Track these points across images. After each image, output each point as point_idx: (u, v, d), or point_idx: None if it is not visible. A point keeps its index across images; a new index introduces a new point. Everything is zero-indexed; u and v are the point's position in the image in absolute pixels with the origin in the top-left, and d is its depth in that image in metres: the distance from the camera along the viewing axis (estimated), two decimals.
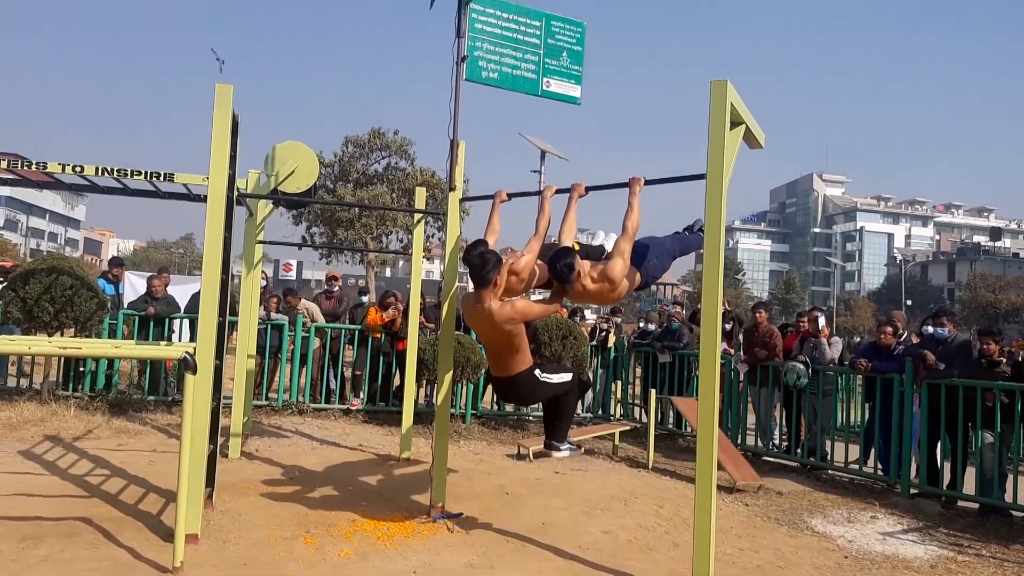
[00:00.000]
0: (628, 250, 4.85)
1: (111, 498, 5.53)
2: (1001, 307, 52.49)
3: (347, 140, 28.41)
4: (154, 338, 9.74)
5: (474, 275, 4.73)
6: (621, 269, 4.82)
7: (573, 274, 4.75)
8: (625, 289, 4.94)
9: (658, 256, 5.24)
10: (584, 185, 5.19)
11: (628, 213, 4.90)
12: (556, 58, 6.15)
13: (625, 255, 4.83)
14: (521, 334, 4.88)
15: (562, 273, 4.77)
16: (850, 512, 6.90)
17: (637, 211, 4.89)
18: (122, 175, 6.31)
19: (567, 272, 4.75)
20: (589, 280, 4.82)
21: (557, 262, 4.77)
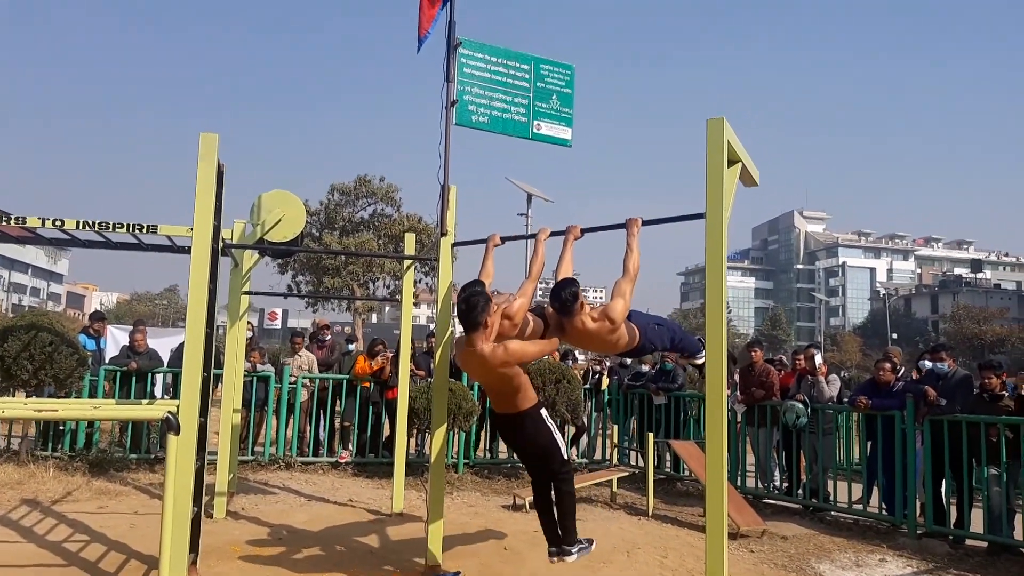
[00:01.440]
0: (629, 291, 4.70)
1: (90, 566, 5.25)
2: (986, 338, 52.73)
3: (333, 188, 28.43)
4: (136, 393, 9.48)
5: (463, 318, 4.53)
6: (622, 309, 4.67)
7: (577, 303, 4.58)
8: (624, 337, 4.74)
9: (660, 324, 5.11)
10: (580, 228, 5.08)
11: (628, 254, 4.77)
12: (546, 101, 6.08)
13: (626, 296, 4.69)
14: (519, 374, 4.69)
15: (567, 301, 4.59)
16: (857, 555, 6.71)
17: (637, 252, 4.77)
18: (104, 228, 6.15)
19: (571, 300, 4.58)
20: (589, 318, 4.67)
21: (561, 291, 4.62)
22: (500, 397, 4.75)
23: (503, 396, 4.72)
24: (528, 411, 4.71)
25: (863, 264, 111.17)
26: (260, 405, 10.03)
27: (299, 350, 10.67)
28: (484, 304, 4.51)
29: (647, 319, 5.05)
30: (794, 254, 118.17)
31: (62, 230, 6.25)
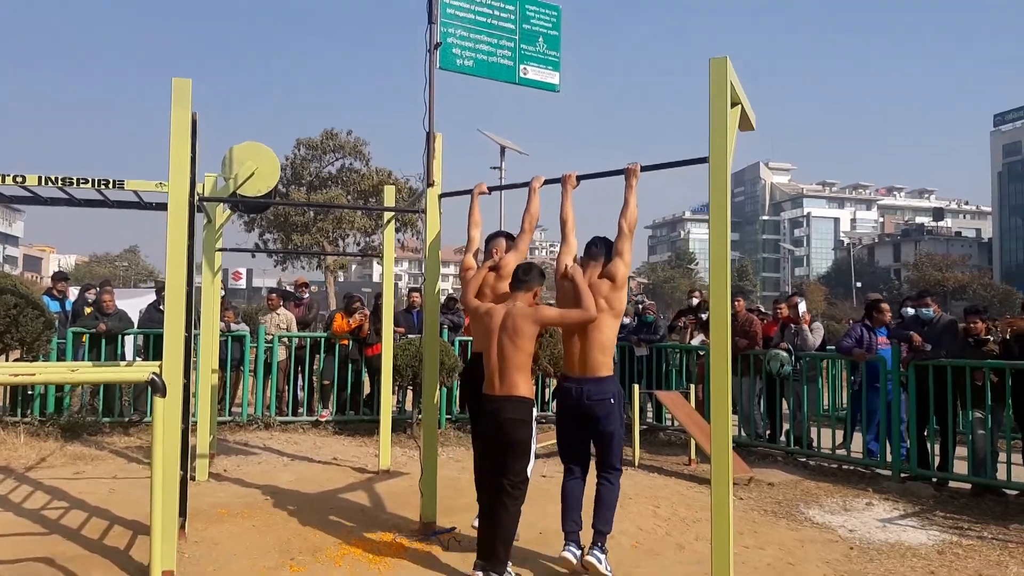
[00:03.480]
0: (628, 250, 4.59)
1: (72, 533, 5.07)
2: (948, 285, 53.81)
3: (299, 142, 27.71)
4: (107, 356, 9.20)
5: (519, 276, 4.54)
6: (624, 270, 4.57)
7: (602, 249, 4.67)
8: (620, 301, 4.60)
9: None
10: (576, 175, 4.90)
11: (624, 210, 4.61)
12: (532, 44, 5.85)
13: (625, 256, 4.59)
14: (531, 353, 4.44)
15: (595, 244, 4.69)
16: (844, 500, 6.77)
17: (634, 207, 4.61)
18: (68, 184, 5.86)
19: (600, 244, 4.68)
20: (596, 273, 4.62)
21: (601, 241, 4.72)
22: (502, 372, 4.32)
23: (505, 373, 4.31)
24: (524, 398, 4.34)
25: (827, 214, 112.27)
26: (236, 365, 9.82)
27: (276, 308, 10.43)
28: (540, 276, 4.55)
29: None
30: (760, 205, 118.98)
31: (23, 187, 5.95)
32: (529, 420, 4.40)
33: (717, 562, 4.07)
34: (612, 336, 4.59)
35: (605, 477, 4.66)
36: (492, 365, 4.38)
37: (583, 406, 4.53)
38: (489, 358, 4.40)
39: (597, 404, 4.50)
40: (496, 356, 4.36)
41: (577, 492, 4.69)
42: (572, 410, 4.60)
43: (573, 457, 4.77)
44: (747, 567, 4.83)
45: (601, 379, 4.51)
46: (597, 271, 4.64)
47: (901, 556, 5.21)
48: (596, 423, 4.56)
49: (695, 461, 8.07)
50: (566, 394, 4.62)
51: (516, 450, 4.34)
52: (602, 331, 4.51)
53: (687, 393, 8.84)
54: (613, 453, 4.64)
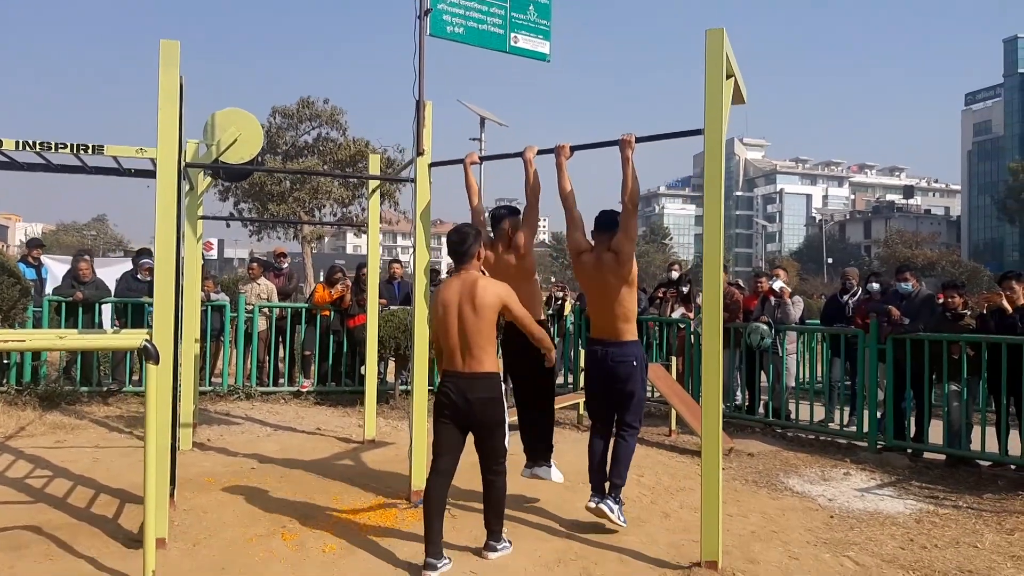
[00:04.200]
0: (632, 226, 4.66)
1: (59, 502, 5.03)
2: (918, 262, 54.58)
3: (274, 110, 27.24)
4: (83, 324, 9.07)
5: (454, 249, 4.25)
6: (628, 247, 4.63)
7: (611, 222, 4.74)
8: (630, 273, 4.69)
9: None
10: (569, 146, 4.88)
11: (624, 186, 4.62)
12: (523, 12, 5.78)
13: (630, 230, 4.64)
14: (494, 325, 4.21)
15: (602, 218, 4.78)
16: (823, 470, 6.90)
17: (632, 181, 4.61)
18: (45, 149, 5.73)
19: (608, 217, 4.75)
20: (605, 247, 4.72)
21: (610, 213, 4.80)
22: (464, 349, 4.12)
23: (469, 347, 4.11)
24: (493, 375, 4.19)
25: (800, 191, 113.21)
26: (216, 335, 9.73)
27: (257, 278, 10.33)
28: (475, 235, 4.33)
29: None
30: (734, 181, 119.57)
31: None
32: (500, 397, 4.28)
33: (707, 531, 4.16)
34: (631, 306, 4.79)
35: (622, 434, 4.88)
36: (453, 342, 4.16)
37: (607, 367, 4.81)
38: (449, 335, 4.17)
39: (619, 365, 4.76)
40: (457, 332, 4.15)
41: (600, 448, 4.97)
42: (597, 370, 4.90)
43: (598, 414, 5.09)
44: (731, 535, 4.92)
45: (623, 343, 4.77)
46: (606, 245, 4.74)
47: (880, 524, 5.34)
48: (618, 383, 4.81)
49: (675, 432, 8.18)
50: (592, 355, 4.95)
51: (492, 433, 4.29)
52: (620, 303, 4.73)
53: (668, 365, 8.92)
54: (631, 412, 4.86)
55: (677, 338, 9.76)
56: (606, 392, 4.91)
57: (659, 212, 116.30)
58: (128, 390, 9.07)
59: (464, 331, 4.12)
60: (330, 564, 4.17)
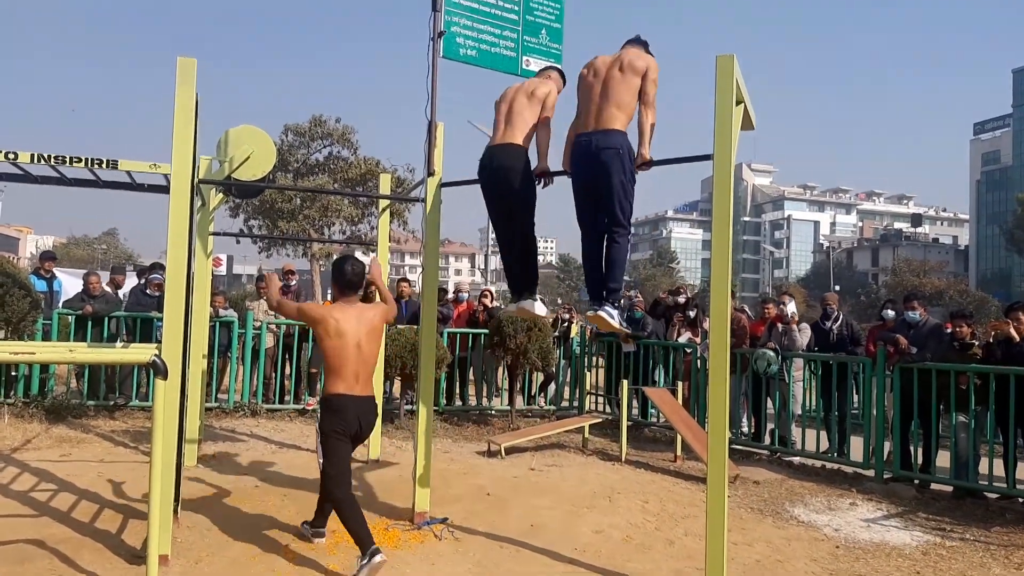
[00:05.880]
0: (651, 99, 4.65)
1: (63, 516, 5.03)
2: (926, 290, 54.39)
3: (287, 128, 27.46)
4: (92, 338, 9.10)
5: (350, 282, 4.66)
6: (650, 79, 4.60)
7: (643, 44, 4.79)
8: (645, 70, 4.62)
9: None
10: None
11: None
12: (535, 35, 5.85)
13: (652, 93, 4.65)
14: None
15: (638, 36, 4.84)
16: (829, 499, 6.85)
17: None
18: (60, 162, 5.77)
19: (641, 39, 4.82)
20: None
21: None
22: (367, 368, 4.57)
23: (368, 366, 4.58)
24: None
25: (808, 217, 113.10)
26: (223, 351, 9.75)
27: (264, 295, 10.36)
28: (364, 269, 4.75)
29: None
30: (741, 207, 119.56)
31: (15, 164, 5.86)
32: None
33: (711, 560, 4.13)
34: (630, 99, 4.59)
35: (613, 235, 4.67)
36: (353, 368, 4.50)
37: (590, 155, 4.55)
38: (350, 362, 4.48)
39: (603, 151, 4.51)
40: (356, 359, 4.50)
41: (593, 254, 4.78)
42: (582, 164, 4.64)
43: (586, 216, 4.79)
44: (736, 563, 4.89)
45: (610, 131, 4.54)
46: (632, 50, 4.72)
47: (886, 556, 5.30)
48: (602, 173, 4.53)
49: (681, 457, 8.13)
50: (576, 147, 4.68)
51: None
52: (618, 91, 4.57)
53: (674, 390, 8.90)
54: (618, 207, 4.58)
55: (683, 363, 9.74)
56: (593, 187, 4.63)
57: (666, 236, 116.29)
58: (135, 404, 9.08)
59: (362, 359, 4.50)
60: None
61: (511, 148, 4.87)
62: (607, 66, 4.66)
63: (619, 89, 4.56)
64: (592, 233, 4.78)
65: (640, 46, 4.78)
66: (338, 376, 4.45)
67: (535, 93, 4.96)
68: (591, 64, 4.77)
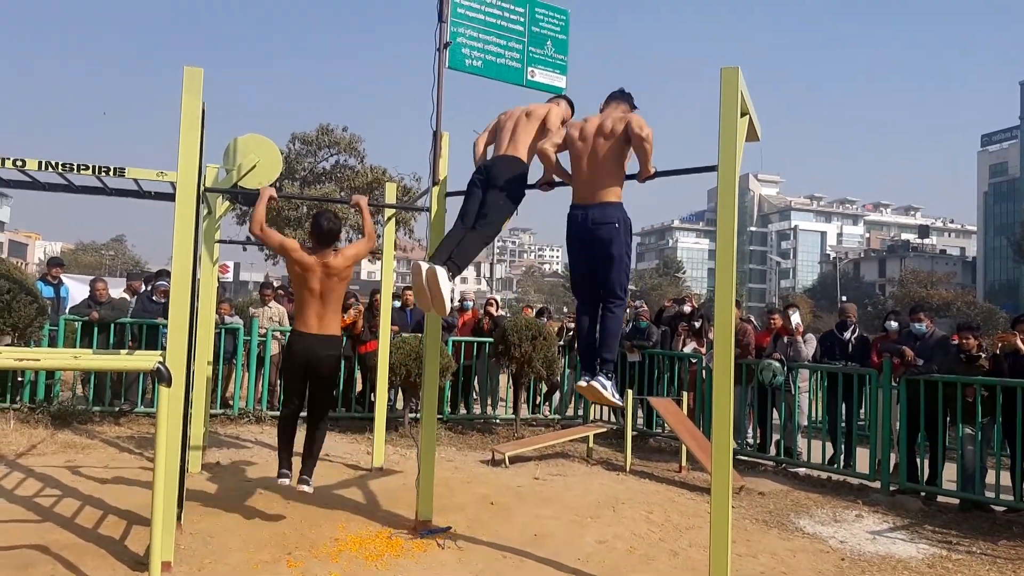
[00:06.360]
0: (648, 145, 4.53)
1: (67, 522, 5.04)
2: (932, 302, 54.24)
3: (294, 136, 27.53)
4: (99, 344, 9.13)
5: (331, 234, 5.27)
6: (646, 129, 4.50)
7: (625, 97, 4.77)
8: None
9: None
10: None
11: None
12: (541, 47, 5.87)
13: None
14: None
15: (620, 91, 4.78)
16: (835, 511, 6.81)
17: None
18: (68, 170, 5.82)
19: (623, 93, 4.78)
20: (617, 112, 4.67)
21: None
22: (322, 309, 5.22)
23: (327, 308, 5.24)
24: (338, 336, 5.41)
25: (814, 228, 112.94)
26: (228, 358, 9.77)
27: (268, 302, 10.41)
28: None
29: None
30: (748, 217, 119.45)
31: (22, 170, 5.90)
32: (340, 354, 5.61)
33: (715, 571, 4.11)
34: (619, 168, 4.58)
35: (608, 306, 4.66)
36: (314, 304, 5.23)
37: (587, 229, 4.56)
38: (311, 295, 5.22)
39: (600, 228, 4.51)
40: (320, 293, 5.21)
41: (587, 325, 4.78)
42: (578, 236, 4.64)
43: (582, 288, 4.84)
44: (741, 575, 4.86)
45: (605, 204, 4.53)
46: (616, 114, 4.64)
47: (892, 568, 5.26)
48: (599, 246, 4.54)
49: (686, 468, 8.11)
50: (572, 220, 4.67)
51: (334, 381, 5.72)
52: (609, 160, 4.55)
53: (679, 400, 8.88)
54: (615, 279, 4.59)
55: (688, 373, 9.72)
56: (588, 259, 4.65)
57: (672, 245, 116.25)
58: (140, 410, 9.11)
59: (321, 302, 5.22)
60: None
61: (510, 159, 4.90)
62: (594, 132, 4.60)
63: (606, 159, 4.54)
64: (587, 303, 4.81)
65: (623, 102, 4.73)
66: (298, 316, 5.31)
67: (535, 113, 5.01)
68: (582, 128, 4.69)
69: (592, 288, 4.73)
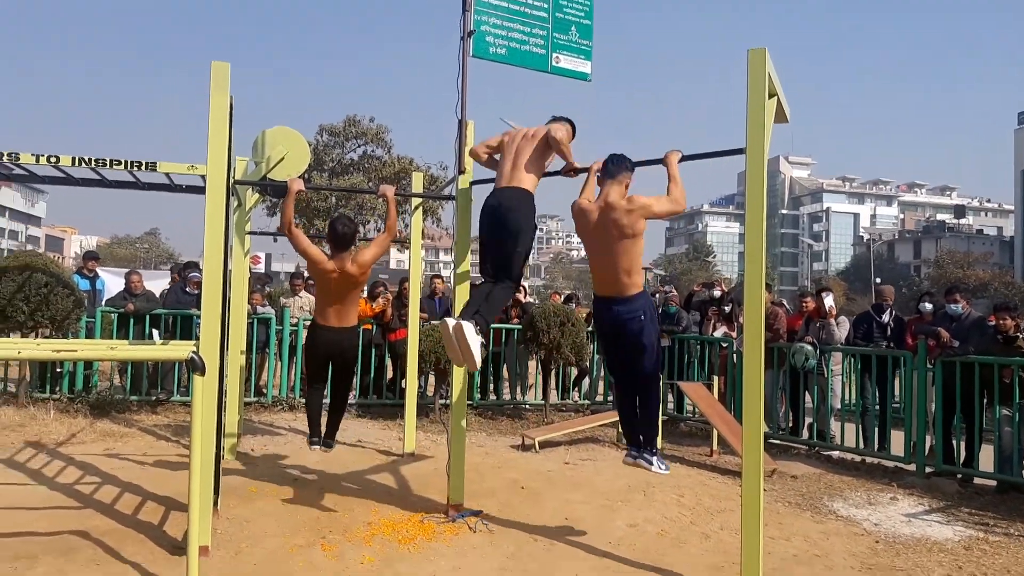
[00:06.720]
0: (665, 205, 4.53)
1: (106, 508, 5.17)
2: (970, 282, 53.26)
3: (321, 128, 27.78)
4: (134, 336, 9.31)
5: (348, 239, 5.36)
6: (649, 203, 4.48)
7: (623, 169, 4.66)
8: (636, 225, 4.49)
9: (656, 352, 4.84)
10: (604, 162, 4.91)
11: (672, 184, 4.60)
12: (565, 32, 5.83)
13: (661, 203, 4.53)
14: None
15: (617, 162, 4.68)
16: (869, 494, 6.74)
17: (681, 183, 4.58)
18: (100, 165, 5.92)
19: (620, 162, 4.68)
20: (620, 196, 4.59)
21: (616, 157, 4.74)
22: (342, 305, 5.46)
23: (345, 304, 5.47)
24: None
25: (847, 210, 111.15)
26: (261, 347, 9.90)
27: (299, 292, 10.52)
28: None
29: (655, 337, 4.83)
30: (779, 199, 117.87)
31: (56, 167, 6.01)
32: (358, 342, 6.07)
33: (747, 553, 4.10)
34: (636, 258, 4.62)
35: (644, 387, 4.82)
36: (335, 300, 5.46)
37: (616, 324, 4.69)
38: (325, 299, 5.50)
39: (629, 322, 4.63)
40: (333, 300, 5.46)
41: (626, 404, 4.95)
42: (607, 327, 4.81)
43: (616, 371, 5.03)
44: (773, 558, 4.84)
45: (629, 299, 4.62)
46: (616, 191, 4.59)
47: (927, 551, 5.21)
48: (630, 338, 4.67)
49: (717, 452, 8.08)
50: (599, 313, 4.85)
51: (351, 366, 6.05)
52: (625, 254, 4.57)
53: (710, 384, 8.84)
54: (648, 364, 4.73)
55: (719, 357, 9.66)
56: (619, 348, 4.80)
57: (702, 230, 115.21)
58: (176, 399, 9.28)
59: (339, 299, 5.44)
60: None
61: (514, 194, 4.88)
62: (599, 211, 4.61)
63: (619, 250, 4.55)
64: (623, 384, 4.96)
65: (623, 171, 4.66)
66: (318, 310, 5.56)
67: (535, 134, 5.00)
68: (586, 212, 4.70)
69: (625, 368, 4.88)
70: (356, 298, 5.60)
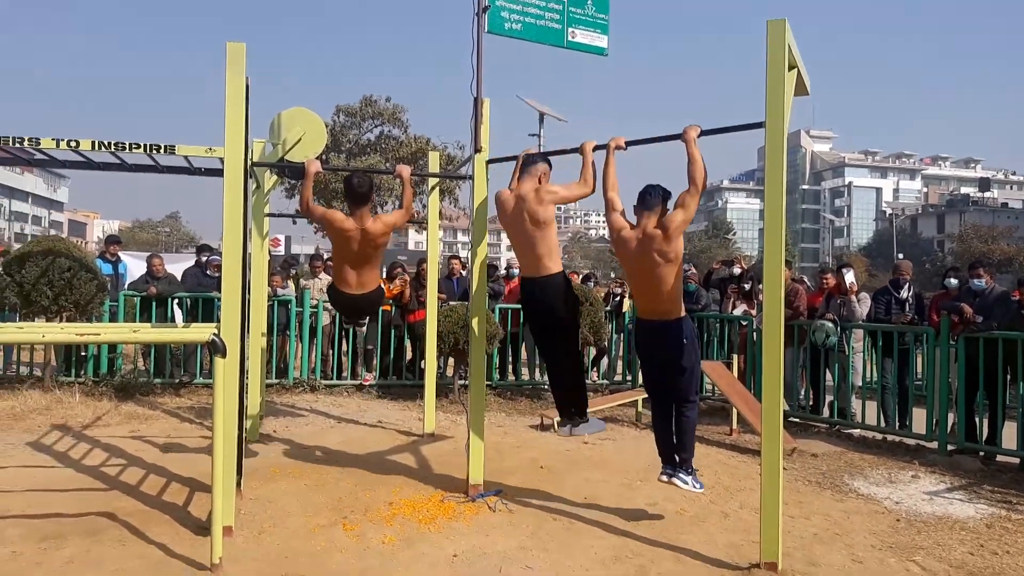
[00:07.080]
0: (692, 205, 4.52)
1: (132, 490, 5.25)
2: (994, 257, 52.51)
3: (338, 109, 27.77)
4: (156, 318, 9.41)
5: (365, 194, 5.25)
6: (681, 220, 4.49)
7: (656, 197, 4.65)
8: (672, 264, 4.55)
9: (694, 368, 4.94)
10: (623, 139, 4.86)
11: (691, 165, 4.53)
12: (581, 6, 5.77)
13: (688, 209, 4.51)
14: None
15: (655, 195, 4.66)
16: (890, 472, 6.71)
17: (701, 162, 4.53)
18: (120, 149, 5.95)
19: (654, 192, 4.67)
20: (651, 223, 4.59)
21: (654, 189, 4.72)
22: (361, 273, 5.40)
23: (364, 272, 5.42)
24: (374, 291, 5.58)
25: (869, 184, 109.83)
26: (282, 329, 9.97)
27: (319, 274, 10.58)
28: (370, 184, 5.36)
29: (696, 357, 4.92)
30: (800, 174, 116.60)
31: (76, 151, 6.05)
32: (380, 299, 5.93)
33: (767, 532, 4.10)
34: (676, 284, 4.68)
35: (682, 409, 4.93)
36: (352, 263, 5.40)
37: (659, 347, 4.82)
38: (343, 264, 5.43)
39: (671, 347, 4.75)
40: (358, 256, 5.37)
41: (663, 424, 5.02)
42: (649, 350, 4.93)
43: (655, 391, 5.08)
44: (793, 536, 4.84)
45: (671, 323, 4.73)
46: (652, 221, 4.61)
47: (949, 529, 5.18)
48: (672, 361, 4.80)
49: (737, 430, 8.06)
50: (642, 335, 4.98)
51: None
52: (665, 281, 4.61)
53: (729, 363, 8.80)
54: (688, 387, 4.89)
55: (739, 335, 9.61)
56: (660, 370, 4.91)
57: (722, 206, 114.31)
58: (199, 382, 9.38)
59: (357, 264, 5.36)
60: (389, 556, 4.25)
61: (545, 284, 4.95)
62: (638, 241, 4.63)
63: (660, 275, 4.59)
64: (661, 403, 5.02)
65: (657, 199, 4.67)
66: (337, 275, 5.52)
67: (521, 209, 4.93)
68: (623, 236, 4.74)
69: (663, 387, 4.97)
70: (377, 261, 5.50)
